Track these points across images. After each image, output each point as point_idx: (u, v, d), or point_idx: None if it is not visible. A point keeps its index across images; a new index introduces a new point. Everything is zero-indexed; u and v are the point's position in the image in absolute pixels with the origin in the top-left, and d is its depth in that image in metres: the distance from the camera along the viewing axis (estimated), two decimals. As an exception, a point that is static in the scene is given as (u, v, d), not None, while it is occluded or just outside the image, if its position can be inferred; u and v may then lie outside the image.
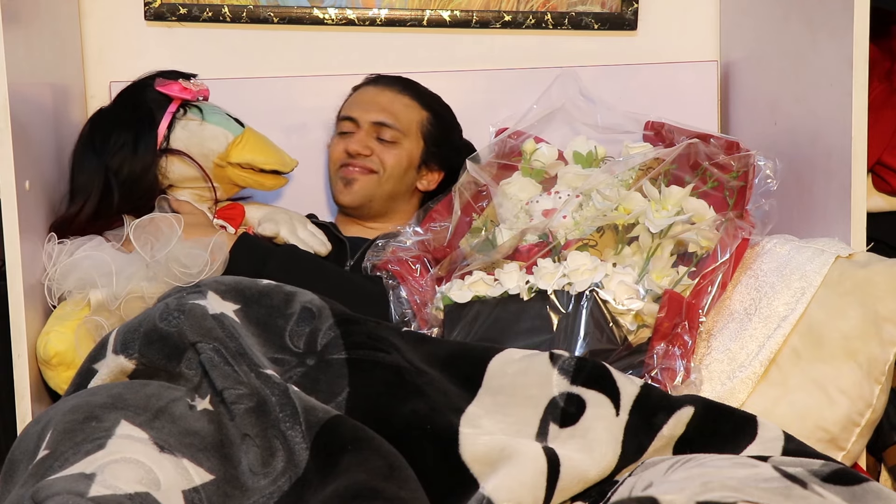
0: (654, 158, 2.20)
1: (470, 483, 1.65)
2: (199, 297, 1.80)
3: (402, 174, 2.46)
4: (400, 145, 2.45)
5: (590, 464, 1.68)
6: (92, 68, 2.58)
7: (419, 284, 2.20)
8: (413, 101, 2.48)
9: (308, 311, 1.85)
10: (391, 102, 2.47)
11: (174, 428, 1.64)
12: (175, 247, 2.13)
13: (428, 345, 1.87)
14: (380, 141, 2.45)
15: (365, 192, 2.45)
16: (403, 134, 2.45)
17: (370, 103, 2.48)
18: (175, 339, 1.74)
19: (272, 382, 1.69)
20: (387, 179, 2.45)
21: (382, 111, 2.46)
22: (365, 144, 2.44)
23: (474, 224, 2.31)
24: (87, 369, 1.79)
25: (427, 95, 2.52)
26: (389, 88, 2.49)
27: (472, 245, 2.23)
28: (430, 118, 2.48)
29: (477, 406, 1.76)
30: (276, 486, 1.62)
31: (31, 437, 1.65)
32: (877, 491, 1.54)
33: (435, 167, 2.49)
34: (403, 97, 2.48)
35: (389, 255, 2.26)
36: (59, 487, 1.50)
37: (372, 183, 2.45)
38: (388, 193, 2.46)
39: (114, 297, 2.08)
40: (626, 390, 1.76)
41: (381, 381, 1.76)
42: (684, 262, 2.10)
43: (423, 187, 2.50)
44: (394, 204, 2.48)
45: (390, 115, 2.45)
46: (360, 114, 2.47)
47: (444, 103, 2.54)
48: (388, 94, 2.48)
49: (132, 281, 2.10)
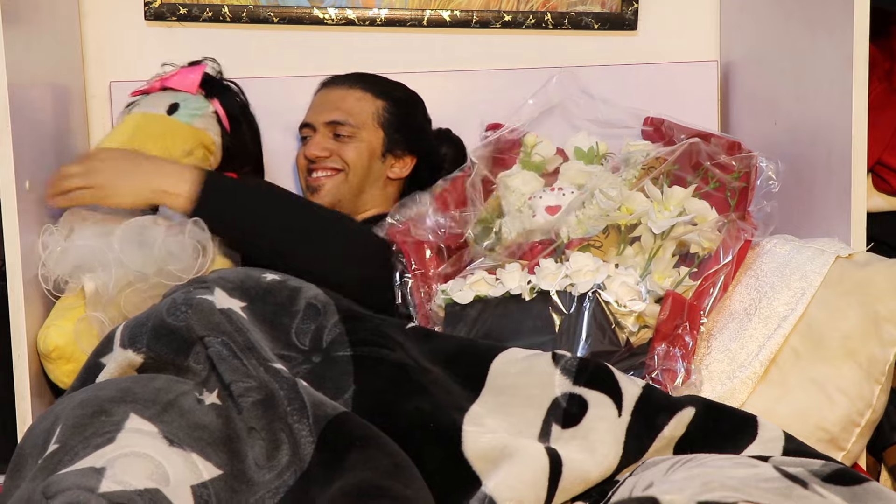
0: (655, 158, 2.20)
1: (472, 480, 1.66)
2: (206, 293, 1.80)
3: (367, 166, 2.43)
4: (358, 139, 2.42)
5: (591, 464, 1.69)
6: (92, 68, 2.58)
7: (426, 275, 2.18)
8: (365, 93, 2.45)
9: (313, 307, 1.85)
10: (342, 99, 2.45)
11: (183, 422, 1.65)
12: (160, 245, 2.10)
13: (433, 341, 1.88)
14: (337, 138, 2.43)
15: (333, 194, 2.43)
16: (359, 127, 2.42)
17: (322, 105, 2.46)
18: (183, 333, 1.75)
19: (281, 376, 1.70)
20: (353, 175, 2.42)
21: (334, 109, 2.44)
22: (322, 147, 2.42)
23: (479, 215, 2.30)
24: (94, 363, 1.80)
25: (381, 84, 2.49)
26: (340, 86, 2.47)
27: (477, 235, 2.23)
28: (386, 106, 2.45)
29: (480, 405, 1.77)
30: (282, 481, 1.63)
31: (40, 431, 1.65)
32: (877, 491, 1.55)
33: (401, 153, 2.46)
34: (354, 91, 2.46)
35: (404, 227, 2.22)
36: (70, 482, 1.50)
37: (338, 182, 2.42)
38: (357, 188, 2.43)
39: (107, 286, 2.05)
40: (628, 391, 1.76)
41: (386, 378, 1.77)
42: (686, 263, 2.10)
43: (394, 175, 2.47)
44: (365, 197, 2.45)
45: (342, 112, 2.43)
46: (314, 117, 2.46)
47: (402, 89, 2.51)
48: (339, 92, 2.46)
49: (125, 277, 2.07)
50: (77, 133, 2.47)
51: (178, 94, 2.36)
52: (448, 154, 2.55)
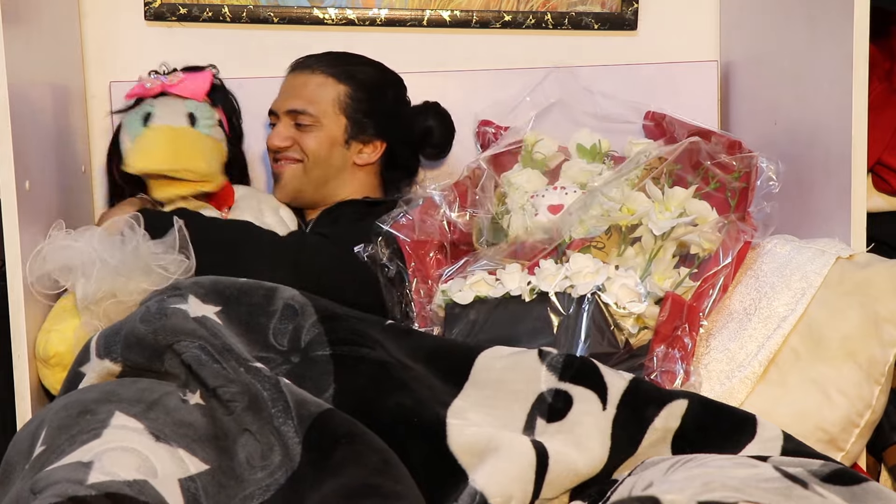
0: (656, 157, 2.20)
1: (459, 474, 1.66)
2: (180, 301, 1.79)
3: (328, 156, 2.40)
4: (318, 127, 2.39)
5: (578, 458, 1.69)
6: (92, 68, 2.58)
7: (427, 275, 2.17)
8: (327, 78, 2.41)
9: (290, 307, 1.84)
10: (304, 86, 2.42)
11: (168, 419, 1.65)
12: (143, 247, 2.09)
13: (412, 338, 1.87)
14: (298, 127, 2.40)
15: (292, 185, 2.41)
16: (319, 116, 2.39)
17: (285, 92, 2.44)
18: (151, 342, 1.74)
19: (262, 376, 1.70)
20: (312, 166, 2.40)
21: (295, 98, 2.41)
22: (284, 136, 2.40)
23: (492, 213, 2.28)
24: (75, 373, 1.80)
25: (346, 66, 2.44)
26: (303, 71, 2.44)
27: (483, 229, 2.23)
28: (349, 91, 2.41)
29: (463, 400, 1.77)
30: (273, 479, 1.63)
31: (25, 437, 1.65)
32: (877, 491, 1.55)
33: (369, 139, 2.43)
34: (316, 76, 2.42)
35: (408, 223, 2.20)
36: (58, 476, 1.50)
37: (298, 173, 2.41)
38: (319, 178, 2.41)
39: (91, 296, 2.02)
40: (613, 385, 1.76)
41: (367, 376, 1.77)
42: (686, 264, 2.10)
43: (363, 161, 2.43)
44: (332, 185, 2.43)
45: (302, 100, 2.40)
46: (278, 104, 2.43)
47: (372, 70, 2.46)
48: (301, 78, 2.43)
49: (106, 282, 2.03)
50: (77, 133, 2.47)
51: (186, 101, 2.35)
52: (435, 130, 2.51)
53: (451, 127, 2.53)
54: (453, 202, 2.24)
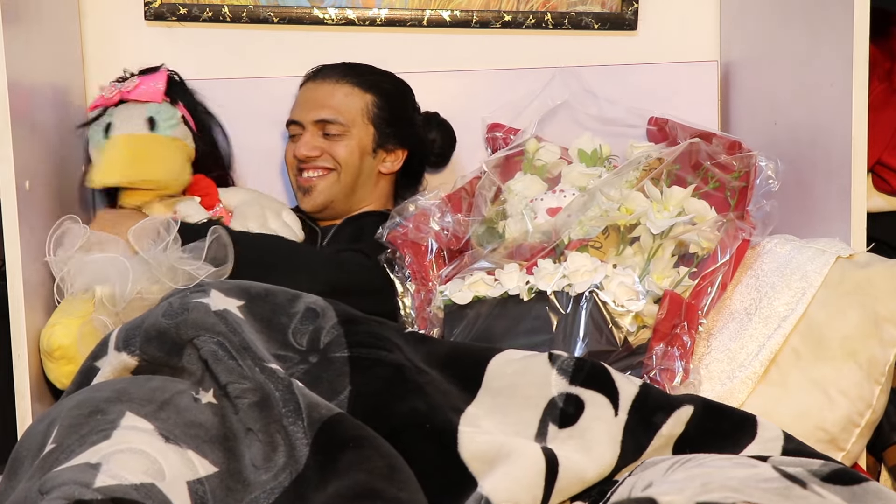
0: (656, 158, 2.20)
1: (468, 481, 1.66)
2: (202, 296, 1.81)
3: (359, 164, 2.42)
4: (348, 136, 2.41)
5: (588, 464, 1.69)
6: (92, 68, 2.58)
7: (426, 277, 2.18)
8: (353, 88, 2.43)
9: (312, 310, 1.86)
10: (330, 95, 2.43)
11: (179, 419, 1.65)
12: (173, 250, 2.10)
13: (429, 345, 1.88)
14: (326, 137, 2.41)
15: (326, 195, 2.42)
16: (349, 125, 2.41)
17: (310, 101, 2.44)
18: (173, 335, 1.75)
19: (276, 377, 1.70)
20: (345, 174, 2.41)
21: (322, 107, 2.41)
22: (312, 146, 2.41)
23: (486, 216, 2.29)
24: (89, 367, 1.81)
25: (369, 75, 2.46)
26: (327, 80, 2.45)
27: (480, 234, 2.23)
28: (375, 101, 2.43)
29: (476, 407, 1.77)
30: (277, 482, 1.63)
31: (36, 434, 1.66)
32: (877, 491, 1.55)
33: (393, 147, 2.45)
34: (343, 86, 2.43)
35: (404, 231, 2.21)
36: (66, 478, 1.50)
37: (331, 182, 2.41)
38: (350, 187, 2.42)
39: (121, 297, 2.05)
40: (624, 390, 1.76)
41: (383, 378, 1.77)
42: (685, 263, 2.10)
43: (386, 170, 2.46)
44: (359, 194, 2.44)
45: (331, 110, 2.41)
46: (303, 115, 2.43)
47: (390, 80, 2.48)
48: (327, 87, 2.44)
49: (139, 283, 2.07)
50: (77, 133, 2.47)
51: (146, 105, 2.33)
52: (437, 140, 2.53)
53: (454, 137, 2.55)
54: (445, 213, 2.26)
